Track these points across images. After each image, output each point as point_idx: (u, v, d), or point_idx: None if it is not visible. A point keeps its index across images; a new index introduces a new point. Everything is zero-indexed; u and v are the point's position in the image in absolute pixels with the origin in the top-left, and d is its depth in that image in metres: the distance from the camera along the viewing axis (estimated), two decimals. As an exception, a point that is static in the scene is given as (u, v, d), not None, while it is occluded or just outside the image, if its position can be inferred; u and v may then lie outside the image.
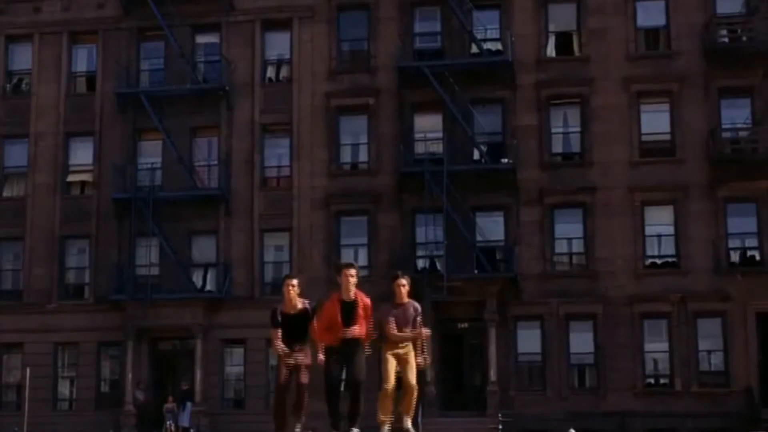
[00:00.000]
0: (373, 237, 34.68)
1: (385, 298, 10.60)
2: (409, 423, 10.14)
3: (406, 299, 10.28)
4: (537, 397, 32.86)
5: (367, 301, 9.81)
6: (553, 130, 34.69)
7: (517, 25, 34.97)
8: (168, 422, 33.34)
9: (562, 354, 33.08)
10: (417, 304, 10.39)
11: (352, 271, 9.65)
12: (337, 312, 9.59)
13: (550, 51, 35.21)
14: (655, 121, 34.12)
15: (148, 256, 35.88)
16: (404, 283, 10.25)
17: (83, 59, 37.89)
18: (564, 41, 35.39)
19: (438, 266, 33.93)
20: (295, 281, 10.00)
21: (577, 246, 34.12)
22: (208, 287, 35.82)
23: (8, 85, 38.19)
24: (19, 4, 38.08)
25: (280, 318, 9.91)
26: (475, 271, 33.85)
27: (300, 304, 9.94)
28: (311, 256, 34.69)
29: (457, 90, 34.13)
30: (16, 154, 37.39)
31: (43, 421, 33.49)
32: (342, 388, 9.87)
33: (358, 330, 9.60)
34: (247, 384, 34.75)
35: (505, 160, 34.42)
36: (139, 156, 36.64)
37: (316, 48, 36.03)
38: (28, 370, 32.75)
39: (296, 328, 9.87)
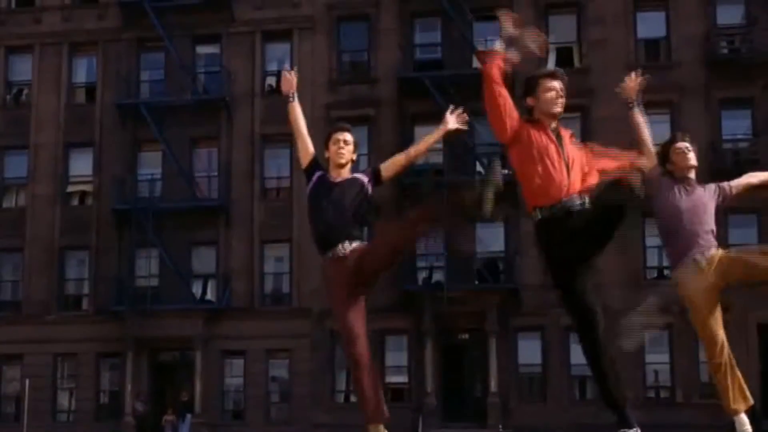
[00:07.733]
0: (374, 248, 34.60)
1: (383, 309, 10.42)
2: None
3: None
4: (538, 409, 32.76)
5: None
6: (554, 141, 34.65)
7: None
8: (167, 433, 33.28)
9: (563, 365, 32.98)
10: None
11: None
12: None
13: (551, 62, 35.20)
14: (656, 132, 33.68)
15: (147, 266, 35.85)
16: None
17: (83, 70, 37.92)
18: (564, 52, 35.41)
19: (439, 277, 33.86)
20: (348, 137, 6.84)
21: (578, 257, 34.02)
22: (207, 298, 35.77)
23: (8, 96, 38.19)
24: (19, 14, 38.17)
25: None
26: (476, 282, 33.82)
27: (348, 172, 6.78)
28: (312, 268, 34.59)
29: (458, 101, 33.95)
30: (16, 165, 37.35)
31: (42, 432, 33.43)
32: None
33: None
34: (247, 395, 34.66)
35: (506, 171, 34.29)
36: (139, 167, 36.63)
37: (317, 59, 36.03)
38: (27, 381, 32.72)
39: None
